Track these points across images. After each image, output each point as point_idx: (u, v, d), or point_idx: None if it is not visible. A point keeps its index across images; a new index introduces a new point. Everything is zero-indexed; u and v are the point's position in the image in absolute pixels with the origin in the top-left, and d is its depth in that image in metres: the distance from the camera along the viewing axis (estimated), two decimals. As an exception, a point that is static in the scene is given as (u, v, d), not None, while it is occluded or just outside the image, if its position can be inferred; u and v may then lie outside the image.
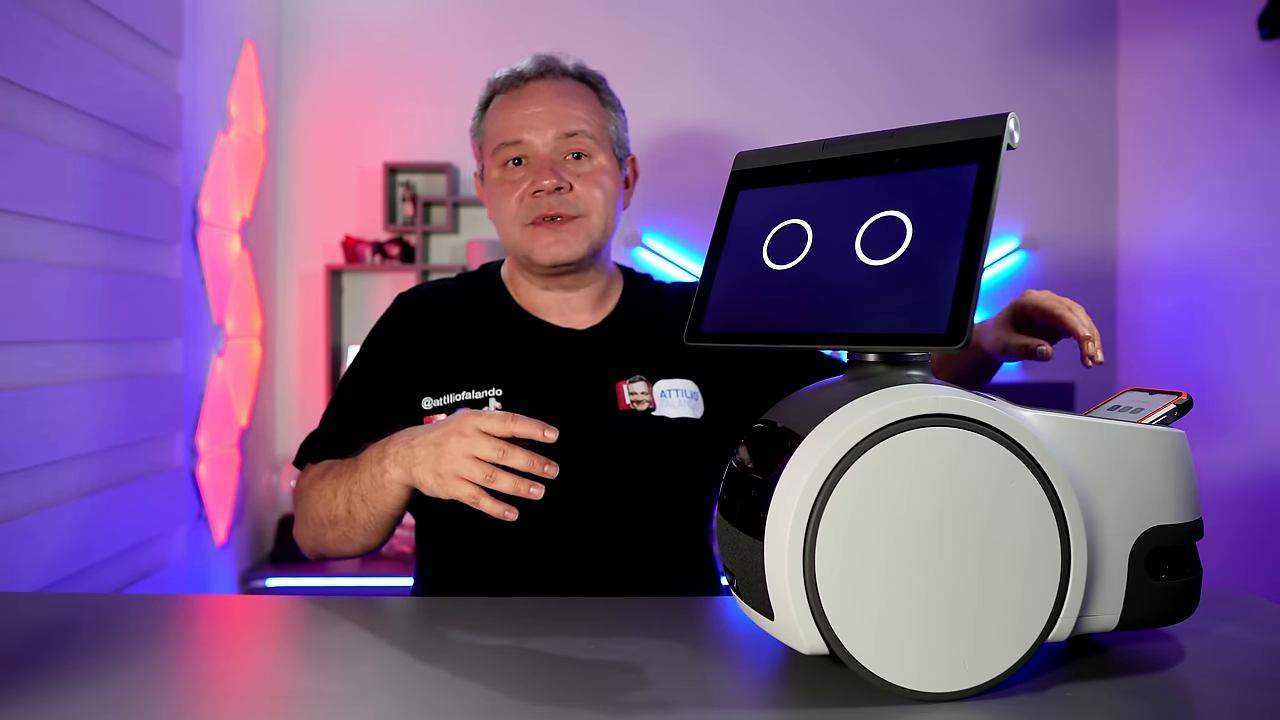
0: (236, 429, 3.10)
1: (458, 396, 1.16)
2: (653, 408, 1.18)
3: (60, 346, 2.07)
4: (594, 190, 1.17)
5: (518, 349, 1.20)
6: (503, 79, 1.22)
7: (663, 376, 1.20)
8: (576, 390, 1.18)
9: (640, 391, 1.19)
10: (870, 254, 0.67)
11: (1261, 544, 2.81)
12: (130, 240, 2.37)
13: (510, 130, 1.18)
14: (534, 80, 1.20)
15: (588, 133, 1.18)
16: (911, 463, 0.63)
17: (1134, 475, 0.70)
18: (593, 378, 1.19)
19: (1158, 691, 0.68)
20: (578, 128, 1.17)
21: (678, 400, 1.19)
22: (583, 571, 1.14)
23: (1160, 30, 3.36)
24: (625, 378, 1.19)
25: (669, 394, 1.19)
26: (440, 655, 0.76)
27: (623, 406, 1.17)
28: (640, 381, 1.19)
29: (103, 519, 2.21)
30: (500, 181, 1.19)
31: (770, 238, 0.74)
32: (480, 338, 1.21)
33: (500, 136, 1.19)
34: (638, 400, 1.18)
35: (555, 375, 1.19)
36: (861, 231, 0.68)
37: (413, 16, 3.51)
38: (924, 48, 3.55)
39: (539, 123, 1.17)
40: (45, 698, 0.66)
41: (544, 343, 1.21)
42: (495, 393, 1.16)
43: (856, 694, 0.66)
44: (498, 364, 1.18)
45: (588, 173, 1.18)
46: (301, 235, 3.53)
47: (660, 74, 3.50)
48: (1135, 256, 3.52)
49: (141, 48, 2.44)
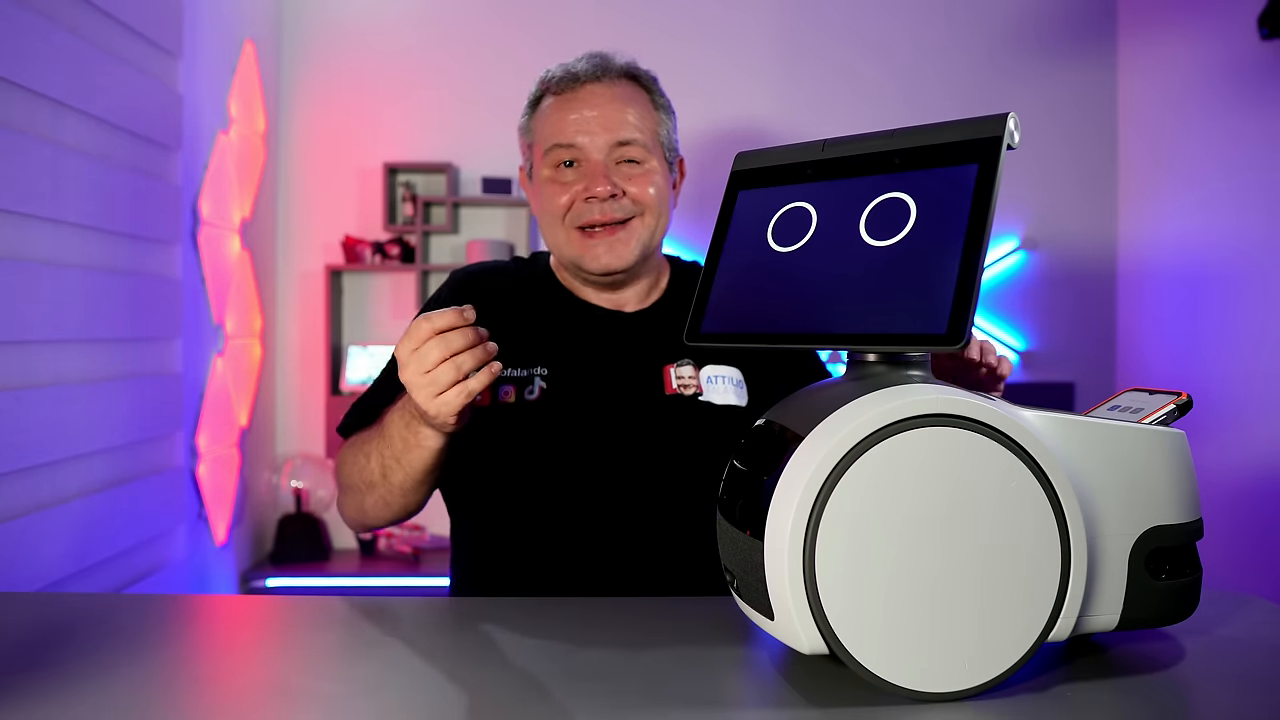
0: (236, 429, 3.10)
1: (502, 373, 1.15)
2: (699, 393, 1.17)
3: (60, 346, 2.07)
4: (647, 190, 1.17)
5: (565, 329, 1.20)
6: (556, 79, 1.20)
7: (710, 362, 1.19)
8: (623, 372, 1.17)
9: (688, 376, 1.18)
10: (874, 234, 0.67)
11: (1261, 544, 2.81)
12: (130, 240, 2.37)
13: (564, 132, 1.17)
14: (589, 83, 1.18)
15: (640, 141, 1.17)
16: (911, 463, 0.63)
17: (1134, 475, 0.70)
18: (640, 360, 1.18)
19: (1158, 691, 0.68)
20: (631, 136, 1.16)
21: (724, 387, 1.18)
22: (624, 557, 1.12)
23: (1160, 30, 3.36)
24: (673, 361, 1.18)
25: (715, 380, 1.18)
26: (440, 655, 0.76)
27: (669, 391, 1.16)
28: (688, 366, 1.18)
29: (103, 519, 2.21)
30: (550, 181, 1.18)
31: (775, 219, 0.74)
32: (528, 316, 1.20)
33: (553, 137, 1.17)
34: (684, 385, 1.17)
35: (602, 357, 1.18)
36: (867, 211, 0.68)
37: (413, 16, 3.51)
38: (923, 48, 3.55)
39: (593, 127, 1.16)
40: (45, 698, 0.66)
41: (591, 324, 1.21)
42: (540, 371, 1.16)
43: (856, 694, 0.66)
44: (544, 343, 1.18)
45: (640, 175, 1.17)
46: (301, 235, 3.53)
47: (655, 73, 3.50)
48: (1135, 256, 3.52)
49: (141, 48, 2.44)
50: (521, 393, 1.15)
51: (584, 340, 1.19)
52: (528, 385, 1.15)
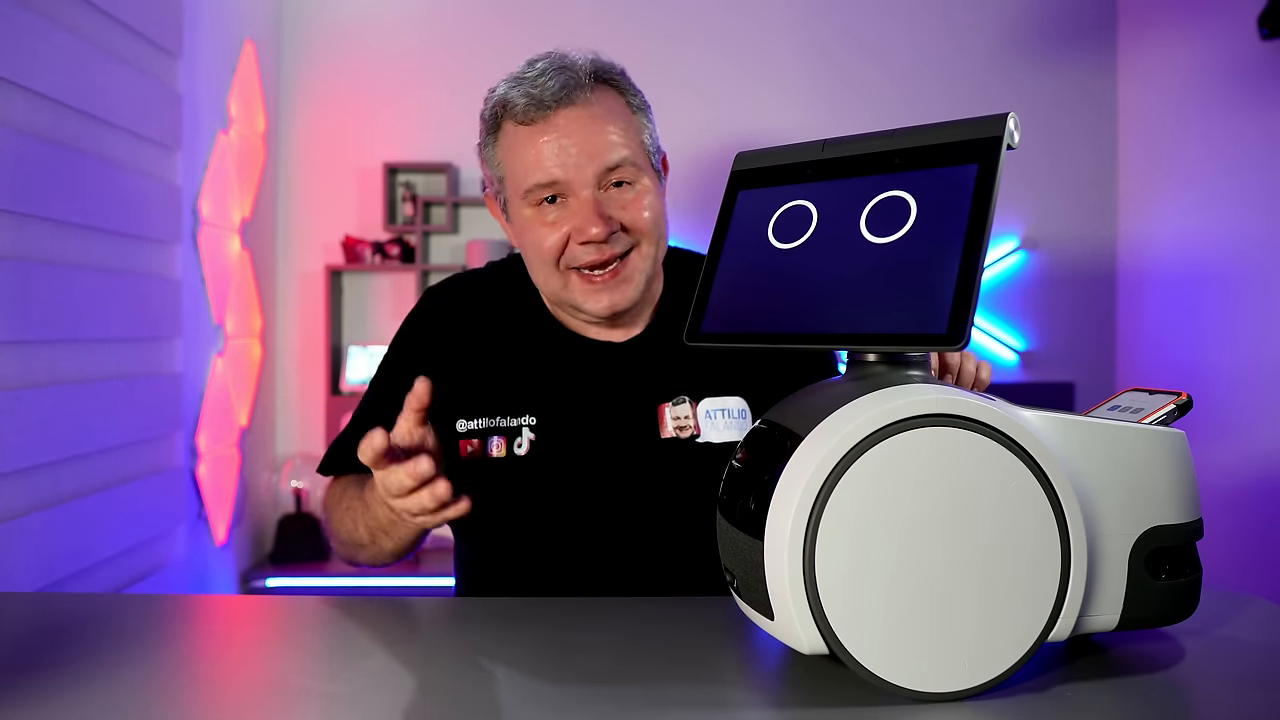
0: (236, 429, 3.10)
1: (491, 421, 1.11)
2: (696, 434, 1.11)
3: (60, 346, 2.07)
4: (642, 215, 1.06)
5: (553, 369, 1.13)
6: (520, 106, 1.04)
7: (708, 394, 1.13)
8: (615, 417, 1.11)
9: (684, 416, 1.12)
10: (875, 231, 0.67)
11: (1261, 544, 2.82)
12: (130, 240, 2.37)
13: (541, 170, 1.04)
14: (560, 108, 1.04)
15: (629, 159, 1.05)
16: (911, 463, 0.63)
17: (1134, 475, 0.70)
18: (633, 401, 1.12)
19: (1158, 691, 0.68)
20: (618, 158, 1.04)
21: (724, 423, 1.12)
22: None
23: (1160, 31, 3.36)
24: (668, 399, 1.12)
25: (714, 415, 1.12)
26: (439, 655, 0.76)
27: (665, 435, 1.11)
28: (684, 404, 1.12)
29: (103, 519, 2.21)
30: (535, 222, 1.06)
31: (776, 216, 0.74)
32: (514, 353, 1.13)
33: (531, 177, 1.04)
34: (681, 426, 1.11)
35: (592, 399, 1.11)
36: (868, 209, 0.68)
37: (413, 16, 3.51)
38: (923, 49, 3.55)
39: (576, 159, 1.03)
40: (45, 698, 0.66)
41: (581, 361, 1.13)
42: (529, 421, 1.10)
43: (856, 694, 0.66)
44: (532, 387, 1.11)
45: (633, 199, 1.07)
46: (301, 235, 3.53)
47: (653, 73, 3.50)
48: (1135, 256, 3.52)
49: (141, 48, 2.44)
50: (511, 446, 1.10)
51: (573, 381, 1.12)
52: (516, 437, 1.10)
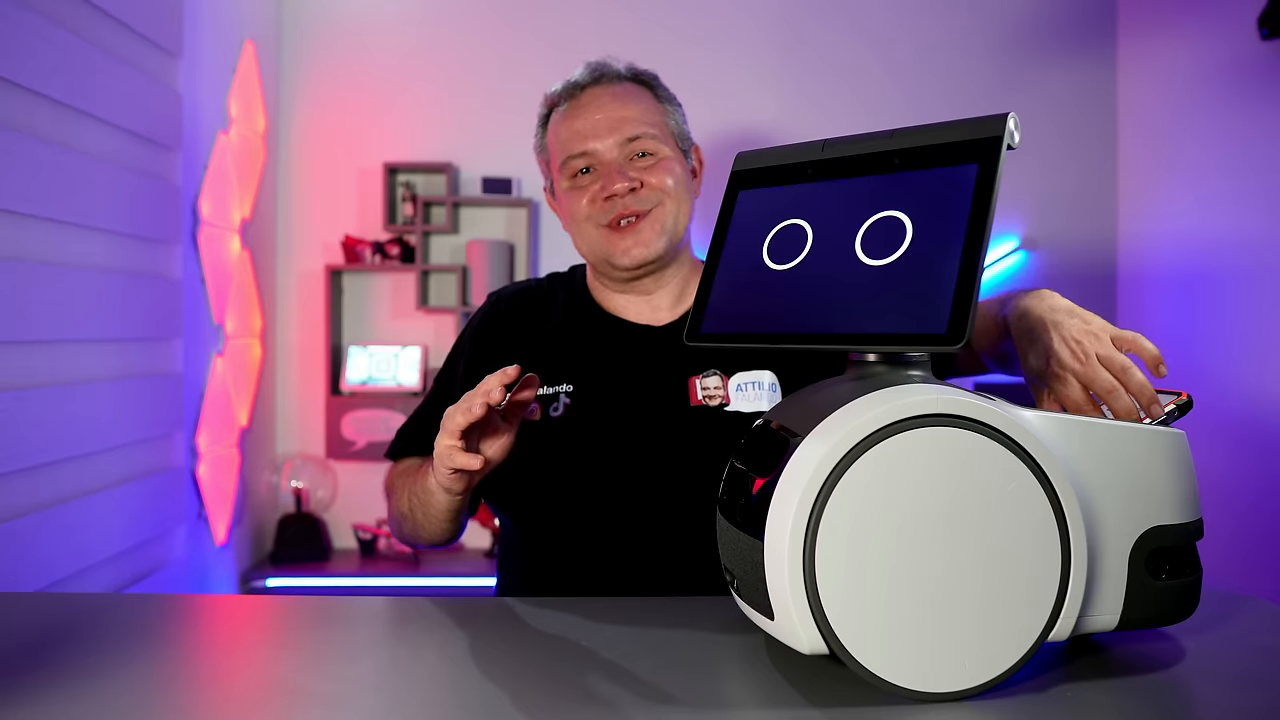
0: (236, 429, 3.10)
1: None
2: (726, 403, 1.16)
3: (60, 346, 2.07)
4: (665, 179, 1.19)
5: (592, 344, 1.21)
6: (559, 91, 1.24)
7: (740, 369, 1.18)
8: (647, 386, 1.17)
9: (714, 386, 1.17)
10: (870, 254, 0.67)
11: (1261, 544, 2.81)
12: (130, 240, 2.37)
13: (574, 141, 1.20)
14: (590, 87, 1.22)
15: (650, 133, 1.20)
16: (911, 463, 0.63)
17: (1134, 475, 0.70)
18: (665, 373, 1.18)
19: (1158, 691, 0.68)
20: (639, 131, 1.19)
21: (754, 394, 1.17)
22: (653, 568, 1.13)
23: (1160, 30, 3.36)
24: (699, 372, 1.17)
25: (745, 387, 1.17)
26: (439, 655, 0.76)
27: (694, 403, 1.16)
28: (714, 376, 1.17)
29: (103, 519, 2.21)
30: (571, 191, 1.21)
31: (770, 238, 0.74)
32: (557, 333, 1.23)
33: (565, 150, 1.20)
34: (710, 395, 1.16)
35: (627, 371, 1.19)
36: (861, 232, 0.69)
37: (413, 16, 3.51)
38: (923, 48, 3.55)
39: (601, 130, 1.19)
40: (45, 698, 0.66)
41: (619, 339, 1.22)
42: (566, 388, 1.18)
43: (856, 694, 0.66)
44: (571, 359, 1.20)
45: (655, 165, 1.19)
46: (301, 235, 3.53)
47: (659, 72, 3.49)
48: (1135, 256, 3.52)
49: (141, 48, 2.44)
50: (547, 410, 1.17)
51: (611, 355, 1.20)
52: (553, 402, 1.17)
